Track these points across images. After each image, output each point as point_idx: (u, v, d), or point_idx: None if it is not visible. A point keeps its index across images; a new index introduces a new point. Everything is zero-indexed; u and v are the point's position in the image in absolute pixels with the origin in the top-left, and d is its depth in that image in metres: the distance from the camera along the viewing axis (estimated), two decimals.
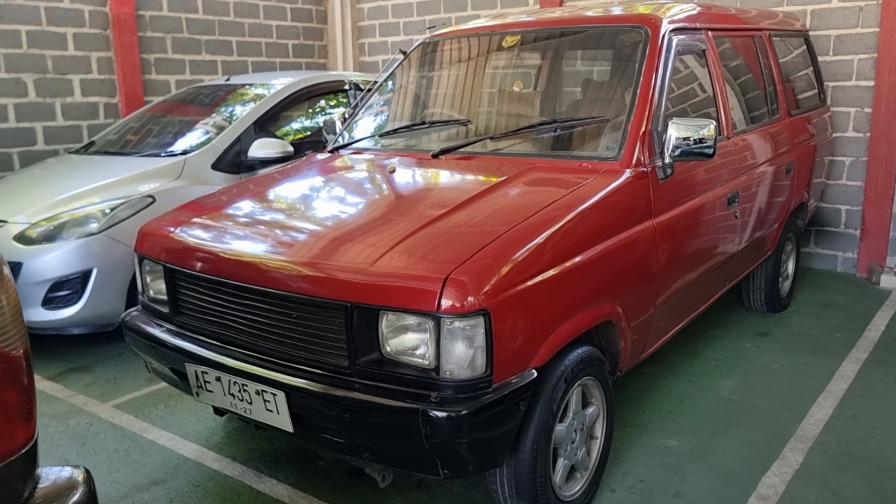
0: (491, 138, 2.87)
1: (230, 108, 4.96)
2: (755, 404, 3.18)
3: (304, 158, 3.31)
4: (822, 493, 2.48)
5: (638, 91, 2.73)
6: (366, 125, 3.48)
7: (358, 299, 2.00)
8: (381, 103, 3.59)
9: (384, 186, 2.67)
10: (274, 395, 2.15)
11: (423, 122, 3.15)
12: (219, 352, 2.33)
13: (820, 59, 5.01)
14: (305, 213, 2.55)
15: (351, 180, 2.84)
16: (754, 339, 3.97)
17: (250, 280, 2.22)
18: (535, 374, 2.08)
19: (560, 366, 2.19)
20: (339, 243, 2.20)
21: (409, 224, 2.24)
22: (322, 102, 5.41)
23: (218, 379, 2.30)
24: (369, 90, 3.60)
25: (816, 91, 4.82)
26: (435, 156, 2.87)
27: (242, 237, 2.39)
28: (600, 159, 2.63)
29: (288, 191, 2.85)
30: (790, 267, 4.49)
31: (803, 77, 4.66)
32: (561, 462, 2.30)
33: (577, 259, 2.23)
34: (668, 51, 2.89)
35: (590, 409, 2.42)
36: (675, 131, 2.63)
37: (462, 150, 2.87)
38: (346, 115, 3.56)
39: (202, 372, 2.34)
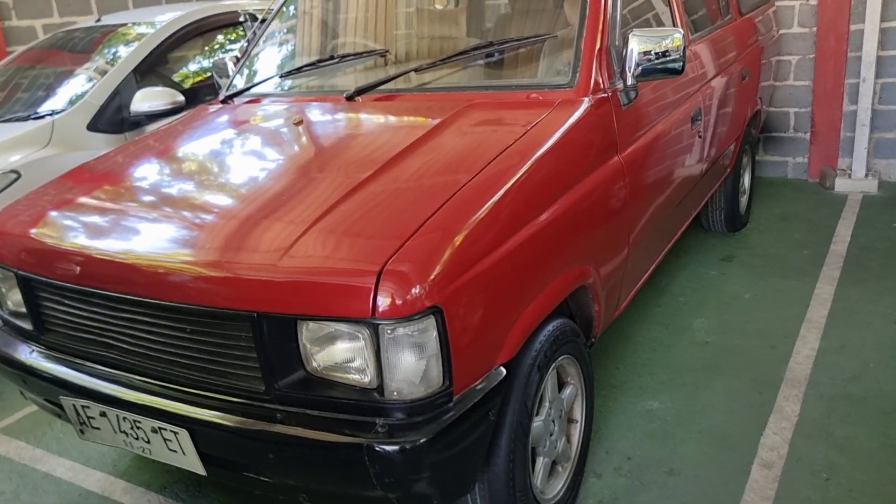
0: (416, 70, 2.34)
1: (106, 55, 4.20)
2: (735, 345, 2.89)
3: (190, 113, 2.72)
4: (830, 451, 2.21)
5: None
6: (264, 65, 2.88)
7: (266, 307, 1.51)
8: (281, 36, 2.98)
9: (289, 145, 2.13)
10: (175, 432, 1.67)
11: (331, 57, 2.58)
12: (102, 378, 1.82)
13: None
14: (189, 191, 1.98)
15: (246, 140, 2.28)
16: (719, 265, 3.67)
17: (123, 289, 1.69)
18: (504, 372, 1.66)
19: (531, 353, 1.78)
20: (236, 232, 1.69)
21: (326, 196, 1.74)
22: (221, 38, 4.72)
23: (103, 414, 1.79)
24: (263, 21, 2.98)
25: None
26: (349, 98, 2.34)
27: (109, 231, 1.84)
28: (552, 87, 2.15)
29: (166, 162, 2.26)
30: (747, 181, 4.18)
31: None
32: (541, 462, 1.92)
33: (541, 219, 1.79)
34: None
35: (567, 391, 2.04)
36: (637, 45, 2.17)
37: (382, 87, 2.34)
38: (240, 55, 2.95)
39: (83, 406, 1.83)
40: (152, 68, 4.13)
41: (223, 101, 2.72)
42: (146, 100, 3.72)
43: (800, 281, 3.39)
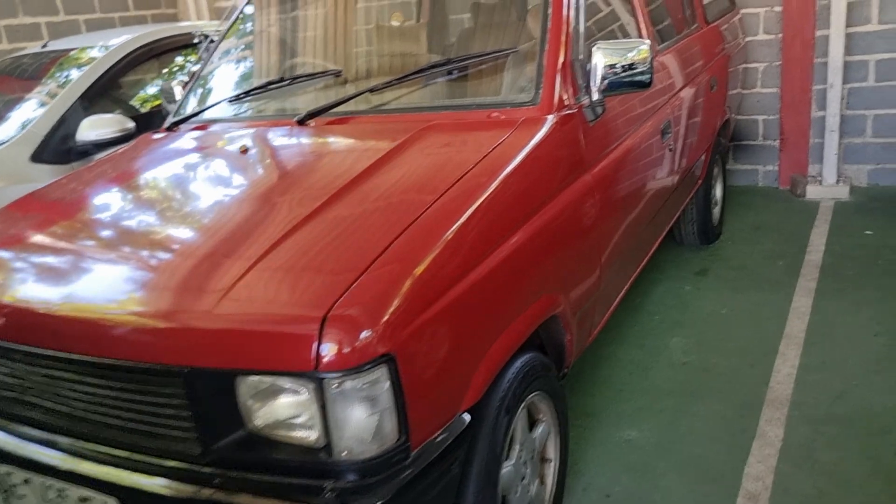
0: (371, 91, 2.20)
1: (54, 82, 4.02)
2: (714, 365, 2.78)
3: (133, 143, 2.55)
4: (818, 479, 2.09)
5: (549, 11, 2.13)
6: (213, 89, 2.73)
7: (199, 361, 1.36)
8: (232, 58, 2.84)
9: (233, 176, 1.98)
10: (105, 501, 1.50)
11: (282, 79, 2.44)
12: (26, 440, 1.65)
13: None
14: (120, 231, 1.80)
15: (187, 172, 2.12)
16: (694, 279, 3.57)
17: (43, 343, 1.52)
18: (469, 419, 1.52)
19: (498, 394, 1.64)
20: (168, 275, 1.53)
21: (271, 231, 1.59)
22: (180, 59, 4.55)
23: (27, 481, 1.62)
24: (211, 42, 2.83)
25: None
26: (301, 122, 2.19)
27: (26, 278, 1.67)
28: (514, 105, 2.03)
29: (97, 199, 2.07)
30: (719, 191, 4.11)
31: None
32: None
33: (507, 247, 1.66)
34: None
35: (539, 430, 1.90)
36: (602, 58, 2.06)
37: (336, 110, 2.21)
38: (188, 78, 2.79)
39: (5, 473, 1.65)
40: (103, 94, 3.95)
41: (168, 129, 2.56)
42: (93, 128, 3.54)
43: (776, 293, 3.30)
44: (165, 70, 4.43)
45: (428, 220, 1.56)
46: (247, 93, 2.46)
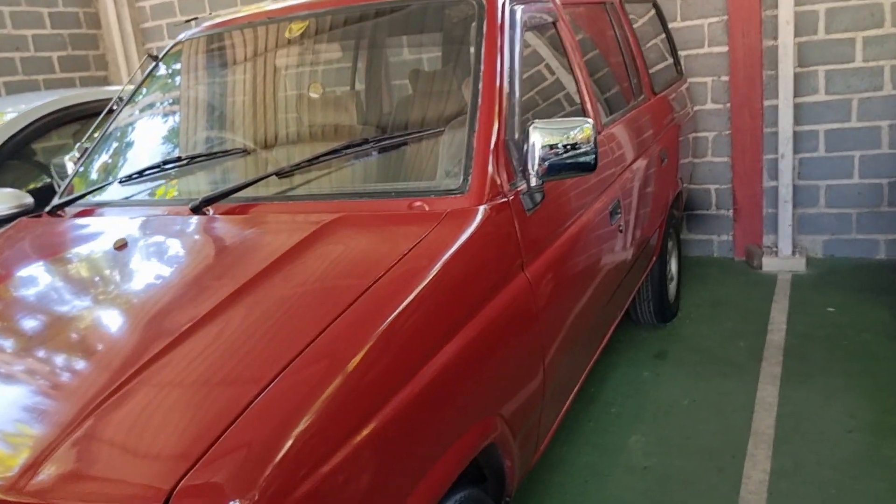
0: (278, 174, 1.91)
1: None
2: (678, 469, 2.49)
3: (6, 229, 2.20)
4: None
5: (480, 85, 1.89)
6: (110, 165, 2.41)
7: None
8: (131, 131, 2.53)
9: (99, 282, 1.64)
10: None
11: (178, 158, 2.14)
12: None
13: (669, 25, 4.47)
14: None
15: (51, 274, 1.76)
16: (652, 363, 3.31)
17: None
18: None
19: None
20: None
21: (119, 367, 1.26)
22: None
23: None
24: (110, 112, 2.53)
25: (672, 62, 4.26)
26: (195, 209, 1.89)
27: None
28: (439, 193, 1.76)
29: None
30: (674, 267, 3.91)
31: (654, 47, 4.07)
32: None
33: (427, 372, 1.35)
34: (513, 26, 2.07)
35: None
36: (540, 138, 1.81)
37: (236, 195, 1.90)
38: (78, 154, 2.47)
39: None
40: (8, 161, 3.60)
41: (50, 213, 2.22)
42: None
43: (740, 380, 3.05)
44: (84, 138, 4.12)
45: (328, 340, 1.25)
46: (140, 173, 2.15)
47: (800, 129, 4.38)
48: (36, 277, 1.73)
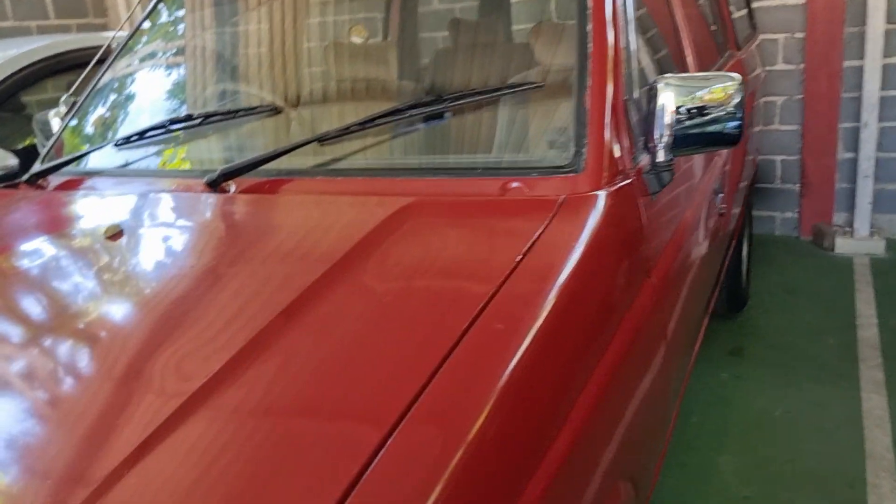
0: (320, 141, 1.45)
1: None
2: (786, 502, 2.07)
3: None
4: None
5: (590, 21, 1.42)
6: (101, 125, 1.95)
7: None
8: (130, 83, 2.06)
9: (85, 292, 1.18)
10: None
11: (189, 116, 1.67)
12: None
13: None
14: None
15: (19, 273, 1.32)
16: (729, 363, 2.89)
17: None
18: None
19: None
20: None
21: (132, 429, 0.82)
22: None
23: None
24: (102, 61, 2.06)
25: (746, 13, 3.75)
26: (211, 185, 1.43)
27: None
28: (542, 172, 1.30)
29: None
30: (745, 247, 3.46)
31: None
32: None
33: (565, 437, 0.92)
34: None
35: None
36: (673, 97, 1.35)
37: (261, 168, 1.44)
38: (65, 108, 2.01)
39: None
40: None
41: (29, 181, 1.77)
42: None
43: (837, 387, 2.63)
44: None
45: (430, 401, 0.81)
46: (141, 135, 1.68)
47: (886, 94, 3.87)
48: (14, 275, 1.27)
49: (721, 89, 1.37)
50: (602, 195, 1.23)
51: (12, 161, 2.79)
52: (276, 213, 1.32)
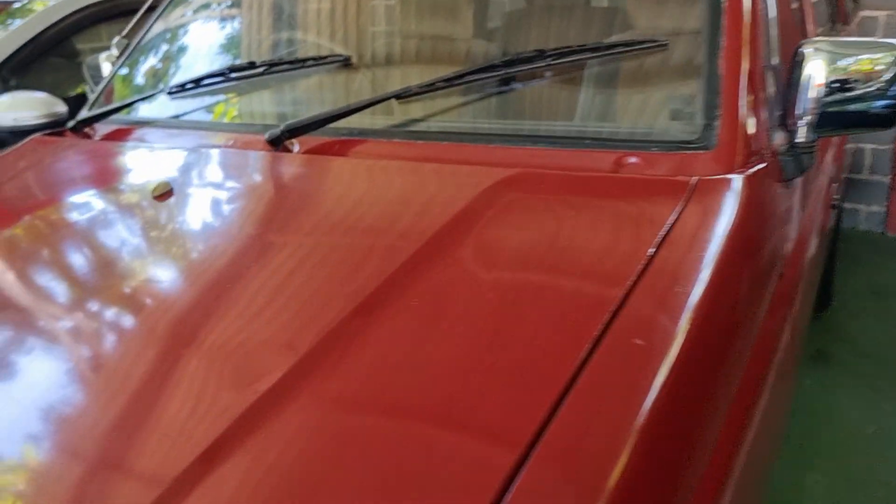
0: (399, 97, 1.26)
1: None
2: None
3: (12, 150, 1.61)
4: None
5: None
6: (152, 72, 1.79)
7: None
8: (187, 26, 1.89)
9: (129, 257, 1.02)
10: None
11: (252, 64, 1.50)
12: None
13: None
14: None
15: (70, 233, 1.15)
16: (814, 368, 2.64)
17: None
18: None
19: None
20: None
21: (206, 419, 0.67)
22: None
23: None
24: (155, 6, 1.90)
25: None
26: (273, 142, 1.25)
27: None
28: (664, 146, 1.08)
29: None
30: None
31: None
32: None
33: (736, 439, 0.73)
34: None
35: None
36: (823, 68, 1.12)
37: (332, 125, 1.26)
38: (118, 51, 1.86)
39: None
40: (47, 58, 3.07)
41: (74, 129, 1.63)
42: (11, 109, 2.57)
43: None
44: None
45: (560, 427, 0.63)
46: (196, 83, 1.51)
47: None
48: (52, 236, 1.12)
49: (887, 59, 1.14)
50: (738, 179, 1.02)
51: (60, 108, 2.66)
52: (347, 178, 1.13)
